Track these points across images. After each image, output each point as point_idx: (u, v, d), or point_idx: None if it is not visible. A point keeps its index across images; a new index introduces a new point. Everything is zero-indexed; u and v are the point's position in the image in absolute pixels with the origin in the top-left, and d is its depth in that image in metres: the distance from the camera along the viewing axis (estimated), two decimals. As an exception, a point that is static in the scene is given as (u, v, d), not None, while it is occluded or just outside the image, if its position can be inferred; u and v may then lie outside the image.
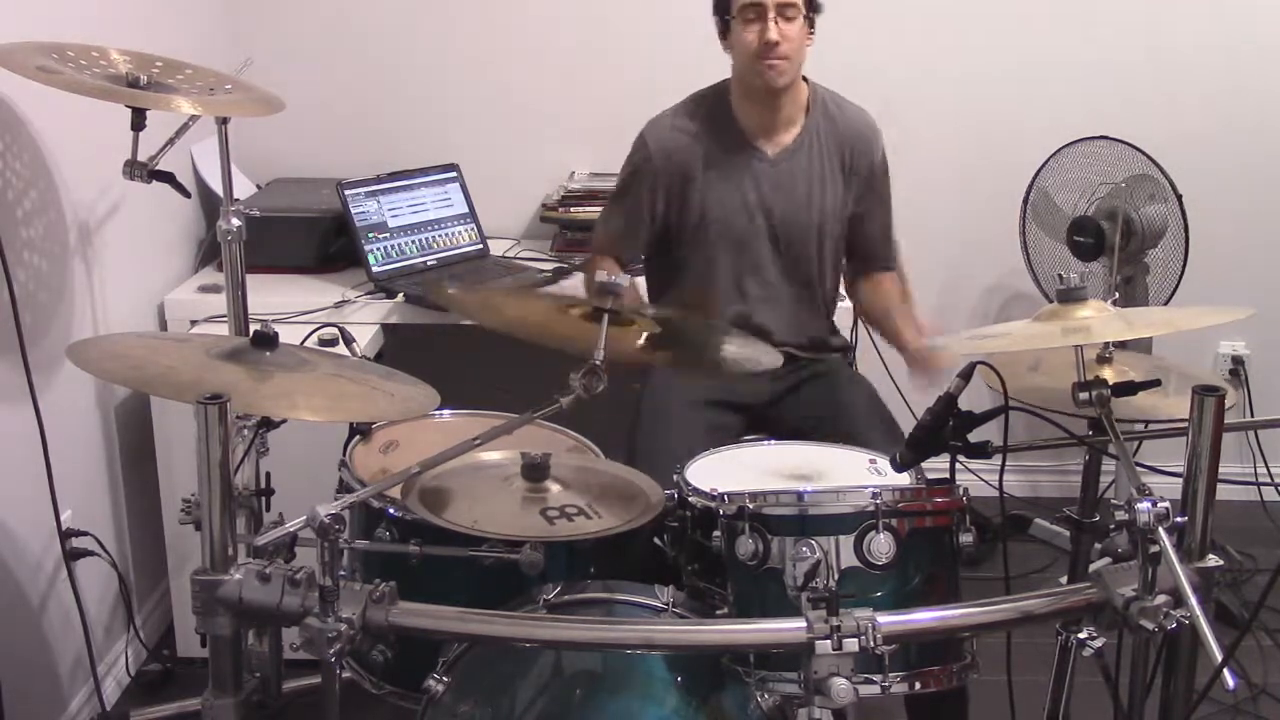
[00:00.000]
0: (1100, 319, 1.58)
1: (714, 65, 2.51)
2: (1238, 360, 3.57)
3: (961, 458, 1.67)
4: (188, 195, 2.47)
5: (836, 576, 1.63)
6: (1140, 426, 1.85)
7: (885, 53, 3.31)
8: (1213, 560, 1.45)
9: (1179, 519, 1.40)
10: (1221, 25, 3.34)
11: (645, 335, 1.71)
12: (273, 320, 1.76)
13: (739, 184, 2.49)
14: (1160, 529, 1.34)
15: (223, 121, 2.31)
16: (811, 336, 2.59)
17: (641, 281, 2.74)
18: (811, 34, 2.43)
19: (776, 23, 2.35)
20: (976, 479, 1.82)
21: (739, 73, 2.47)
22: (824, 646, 1.37)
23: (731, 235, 2.50)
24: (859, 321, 2.84)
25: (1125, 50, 3.35)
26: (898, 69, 3.30)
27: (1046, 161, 3.12)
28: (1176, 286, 2.97)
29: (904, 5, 3.34)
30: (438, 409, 1.78)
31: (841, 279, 2.69)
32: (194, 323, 2.79)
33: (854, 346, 2.80)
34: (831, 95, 2.55)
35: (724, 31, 2.45)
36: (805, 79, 2.52)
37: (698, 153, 2.49)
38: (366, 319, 2.83)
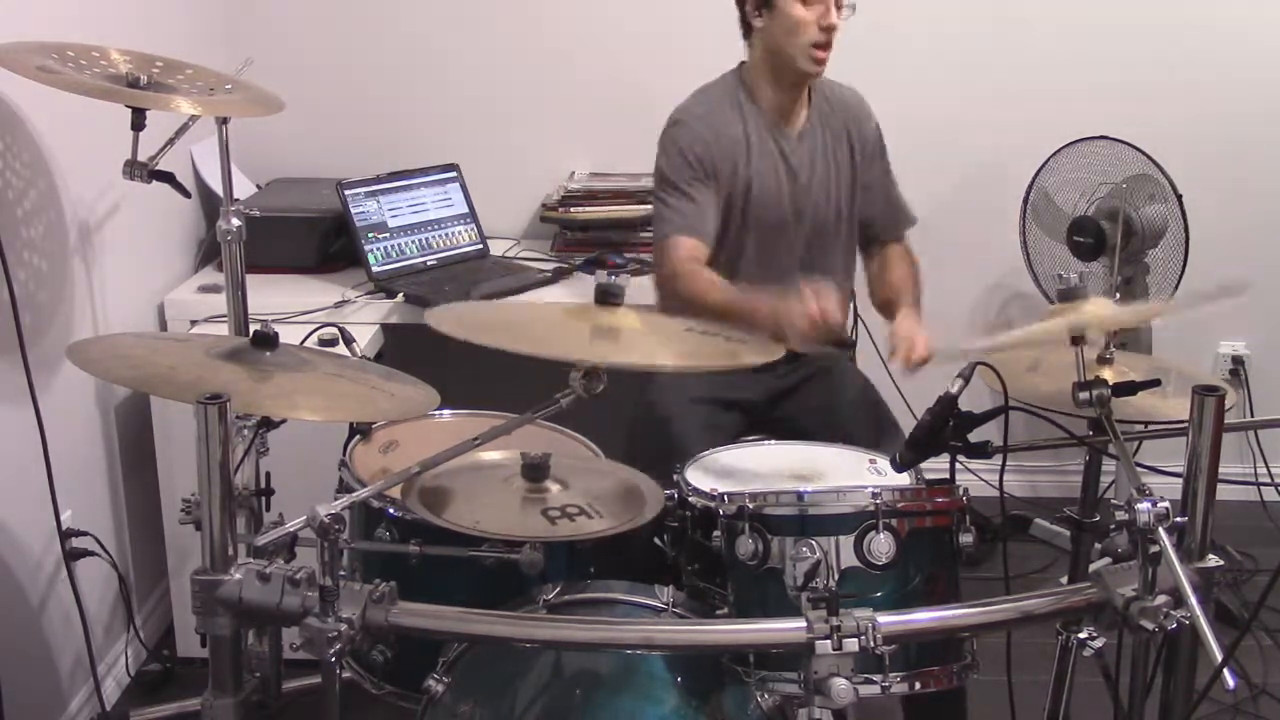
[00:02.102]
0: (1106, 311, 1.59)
1: (716, 65, 2.51)
2: (1238, 360, 3.57)
3: (961, 458, 1.67)
4: (188, 195, 2.47)
5: (836, 576, 1.63)
6: (1140, 426, 1.85)
7: (885, 52, 3.31)
8: (1213, 560, 1.45)
9: (1179, 519, 1.40)
10: (1222, 25, 3.34)
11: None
12: (273, 320, 1.76)
13: (775, 164, 2.47)
14: (1160, 529, 1.34)
15: (223, 121, 2.31)
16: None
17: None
18: None
19: (836, 9, 2.33)
20: (976, 479, 1.82)
21: (774, 54, 2.40)
22: (824, 646, 1.37)
23: (766, 216, 2.47)
24: (858, 319, 2.83)
25: (1126, 50, 3.35)
26: (898, 68, 3.29)
27: (1046, 161, 3.12)
28: (1176, 286, 2.97)
29: (904, 5, 3.34)
30: (438, 409, 1.78)
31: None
32: (194, 323, 2.79)
33: (854, 343, 2.80)
34: (822, 79, 2.52)
35: (759, 10, 2.37)
36: None
37: (739, 134, 2.45)
38: (366, 319, 2.83)
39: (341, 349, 2.14)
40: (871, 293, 2.61)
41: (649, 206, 2.55)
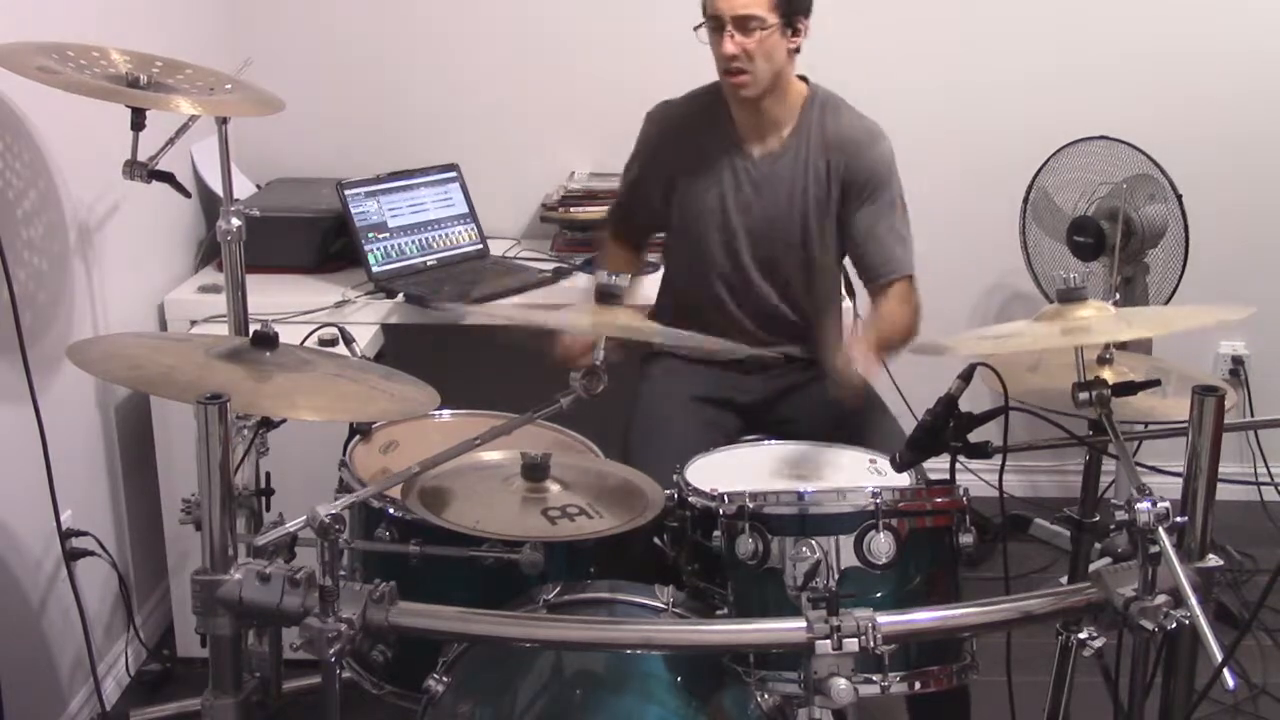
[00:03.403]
0: (1100, 319, 1.58)
1: (714, 65, 2.51)
2: (1238, 360, 3.57)
3: (961, 458, 1.67)
4: (188, 195, 2.47)
5: (836, 576, 1.63)
6: (1140, 426, 1.85)
7: (886, 53, 3.31)
8: (1213, 560, 1.45)
9: (1179, 519, 1.40)
10: (1222, 26, 3.34)
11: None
12: (273, 320, 1.76)
13: (718, 183, 2.47)
14: (1160, 529, 1.34)
15: (223, 121, 2.31)
16: (791, 337, 2.56)
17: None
18: (796, 38, 2.37)
19: (733, 36, 2.31)
20: (976, 479, 1.82)
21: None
22: (824, 646, 1.37)
23: (708, 233, 2.49)
24: (857, 322, 2.83)
25: (1125, 50, 3.35)
26: (898, 69, 3.30)
27: (1046, 161, 3.12)
28: (1176, 286, 2.97)
29: (904, 5, 3.34)
30: (438, 409, 1.78)
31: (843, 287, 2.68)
32: (194, 323, 2.79)
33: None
34: (833, 100, 2.50)
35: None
36: (806, 79, 2.50)
37: (687, 146, 2.49)
38: (366, 319, 2.83)
39: (341, 349, 2.14)
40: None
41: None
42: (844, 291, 2.69)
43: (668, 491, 1.80)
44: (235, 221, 2.31)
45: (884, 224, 2.46)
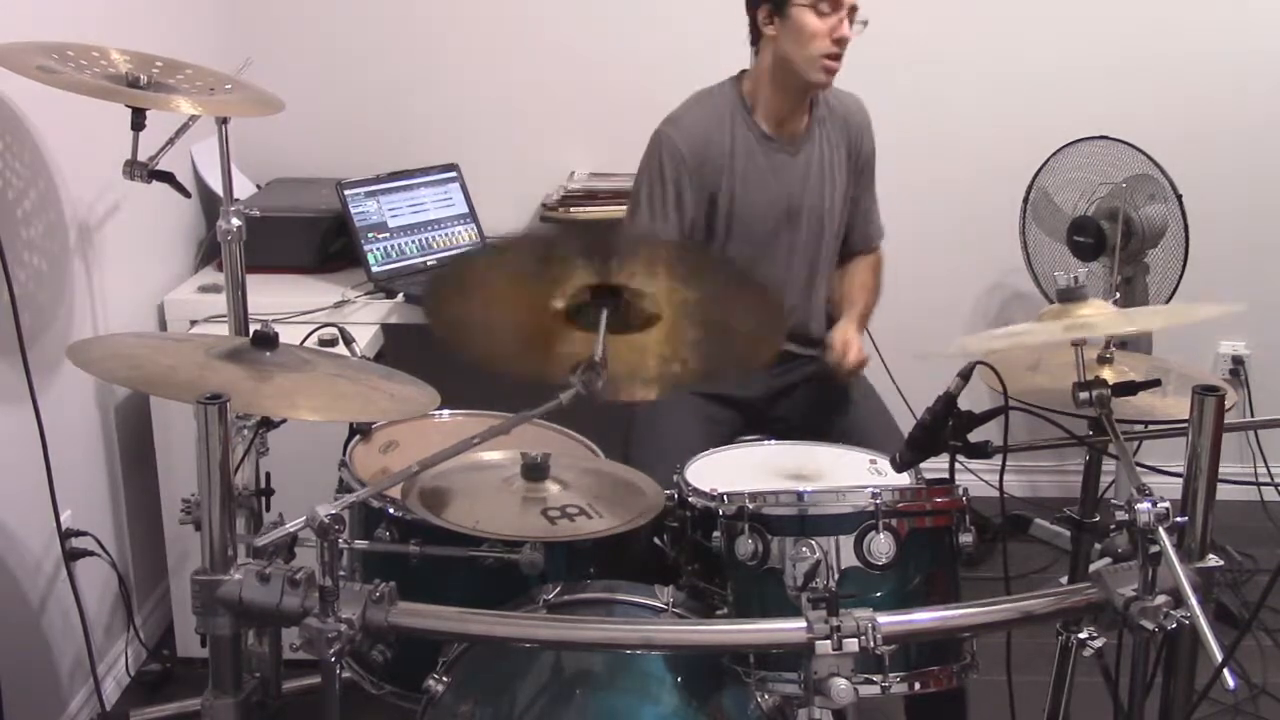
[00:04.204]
0: (1101, 317, 1.58)
1: (715, 65, 2.52)
2: (1238, 360, 3.57)
3: (961, 458, 1.67)
4: (188, 195, 2.47)
5: (836, 576, 1.63)
6: (1140, 426, 1.85)
7: (887, 53, 3.30)
8: (1213, 560, 1.45)
9: (1179, 519, 1.40)
10: (1221, 26, 3.34)
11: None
12: (273, 320, 1.76)
13: (766, 176, 2.47)
14: (1160, 529, 1.34)
15: (223, 121, 2.31)
16: (818, 321, 2.59)
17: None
18: None
19: (850, 22, 2.35)
20: (976, 479, 1.82)
21: (783, 63, 2.38)
22: (824, 647, 1.37)
23: (757, 226, 2.48)
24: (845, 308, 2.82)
25: (1126, 51, 3.35)
26: (899, 69, 3.29)
27: (1046, 161, 3.12)
28: (1176, 286, 2.97)
29: (906, 6, 3.34)
30: (438, 409, 1.78)
31: None
32: (194, 323, 2.79)
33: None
34: None
35: (771, 18, 2.37)
36: None
37: (725, 147, 2.44)
38: (366, 319, 2.83)
39: (341, 349, 2.14)
40: (830, 292, 2.63)
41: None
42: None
43: (668, 491, 1.81)
44: (235, 221, 2.31)
45: (870, 195, 2.64)
